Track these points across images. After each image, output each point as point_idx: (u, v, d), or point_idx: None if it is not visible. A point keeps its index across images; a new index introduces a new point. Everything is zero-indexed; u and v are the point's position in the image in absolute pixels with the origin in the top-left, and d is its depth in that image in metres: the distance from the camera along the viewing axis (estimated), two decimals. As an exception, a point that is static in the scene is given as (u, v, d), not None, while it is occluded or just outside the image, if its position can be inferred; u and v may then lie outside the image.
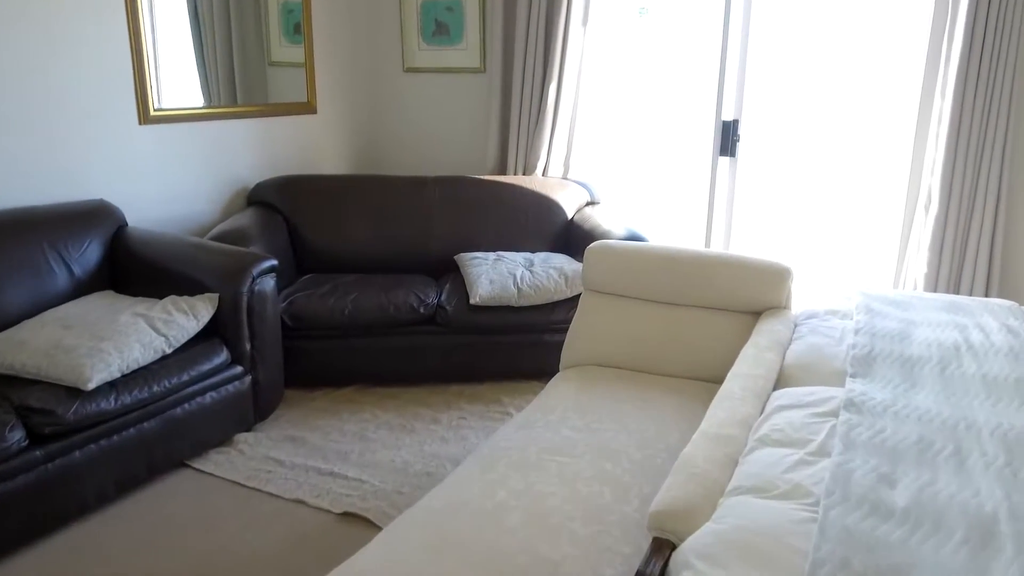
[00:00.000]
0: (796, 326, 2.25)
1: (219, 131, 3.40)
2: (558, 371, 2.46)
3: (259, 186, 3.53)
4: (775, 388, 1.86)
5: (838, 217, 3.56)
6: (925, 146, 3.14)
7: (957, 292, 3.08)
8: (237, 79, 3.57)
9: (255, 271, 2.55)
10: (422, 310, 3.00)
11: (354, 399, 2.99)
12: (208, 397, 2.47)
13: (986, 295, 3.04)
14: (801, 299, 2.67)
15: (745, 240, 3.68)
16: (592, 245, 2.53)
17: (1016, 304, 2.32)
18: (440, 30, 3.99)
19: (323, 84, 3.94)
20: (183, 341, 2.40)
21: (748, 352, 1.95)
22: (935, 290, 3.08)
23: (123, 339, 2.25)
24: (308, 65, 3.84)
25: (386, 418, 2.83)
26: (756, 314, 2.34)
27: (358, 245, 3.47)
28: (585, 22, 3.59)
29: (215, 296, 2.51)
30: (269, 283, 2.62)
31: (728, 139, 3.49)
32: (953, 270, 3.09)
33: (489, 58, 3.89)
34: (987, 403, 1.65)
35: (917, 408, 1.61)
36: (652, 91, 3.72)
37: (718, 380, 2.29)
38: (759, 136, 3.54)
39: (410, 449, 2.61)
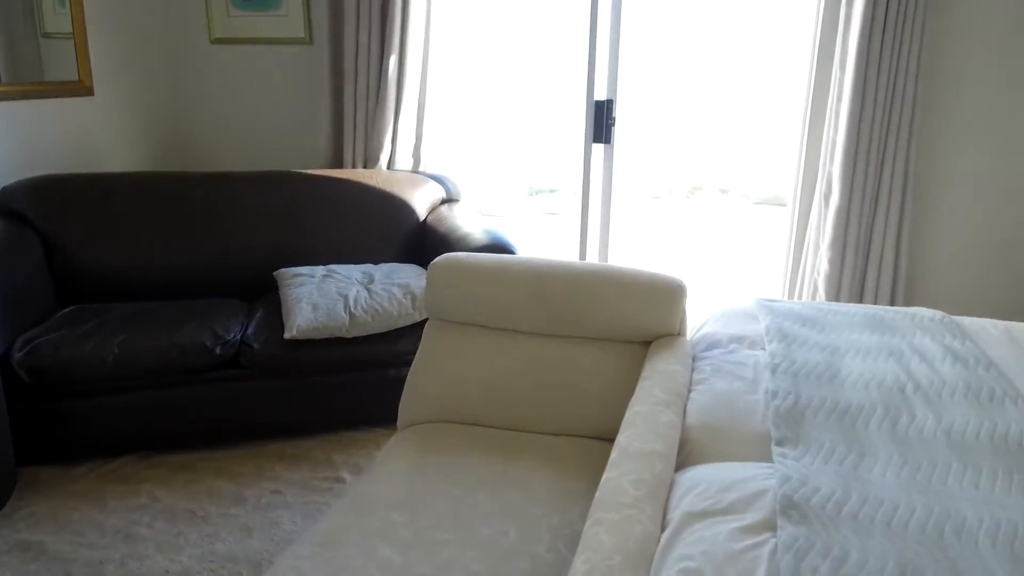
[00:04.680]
0: (695, 360, 1.74)
1: (-63, 117, 2.51)
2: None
3: (7, 190, 2.65)
4: (677, 467, 1.32)
5: (725, 211, 3.09)
6: (823, 127, 2.74)
7: (861, 298, 2.70)
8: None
9: (-58, 317, 1.75)
10: (218, 350, 2.27)
11: (130, 475, 2.23)
12: None
13: (892, 300, 2.68)
14: (693, 313, 2.15)
15: (626, 243, 3.17)
16: (436, 260, 1.93)
17: (945, 315, 1.92)
18: (253, -8, 3.22)
19: (101, 57, 3.08)
20: None
21: (638, 411, 1.40)
22: (838, 296, 2.69)
23: None
24: (77, 32, 2.97)
25: (169, 501, 2.10)
26: (645, 344, 1.82)
27: (145, 263, 2.67)
28: (429, -19, 2.95)
29: None
30: (-28, 332, 1.83)
31: (603, 123, 2.98)
32: (857, 271, 2.71)
33: (316, 26, 3.17)
34: (965, 481, 1.18)
35: (879, 500, 1.11)
36: (517, 65, 3.13)
37: (604, 436, 1.74)
38: (637, 119, 3.04)
39: (195, 550, 1.89)
